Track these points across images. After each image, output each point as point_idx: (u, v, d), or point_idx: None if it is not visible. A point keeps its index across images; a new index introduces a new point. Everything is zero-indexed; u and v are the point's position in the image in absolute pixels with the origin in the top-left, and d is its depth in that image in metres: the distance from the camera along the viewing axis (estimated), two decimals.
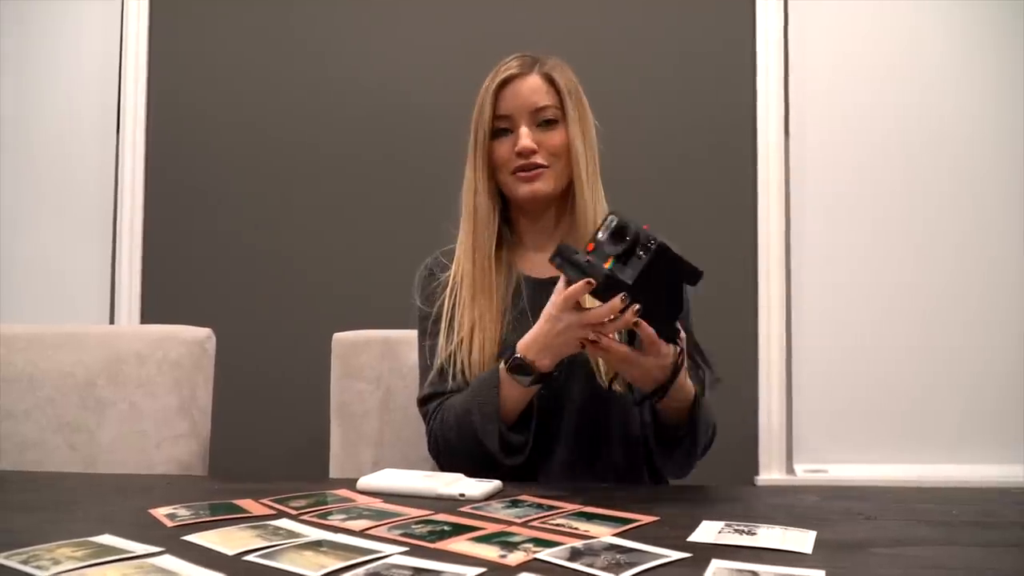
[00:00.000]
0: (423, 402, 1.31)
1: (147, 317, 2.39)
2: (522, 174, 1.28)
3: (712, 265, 1.07)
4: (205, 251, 2.41)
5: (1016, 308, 2.25)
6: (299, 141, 2.40)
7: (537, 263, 1.33)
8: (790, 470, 2.28)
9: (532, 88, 1.29)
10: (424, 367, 1.34)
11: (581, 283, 1.03)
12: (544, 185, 1.29)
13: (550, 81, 1.29)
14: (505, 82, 1.29)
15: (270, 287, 2.38)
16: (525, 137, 1.27)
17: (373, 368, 1.58)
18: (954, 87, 2.30)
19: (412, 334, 1.60)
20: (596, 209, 1.29)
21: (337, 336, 1.61)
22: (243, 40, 2.43)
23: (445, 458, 1.25)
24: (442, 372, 1.29)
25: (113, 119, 2.44)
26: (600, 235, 1.03)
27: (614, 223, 1.03)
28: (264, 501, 0.97)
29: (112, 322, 2.40)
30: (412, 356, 1.57)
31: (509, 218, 1.37)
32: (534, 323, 1.24)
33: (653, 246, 1.00)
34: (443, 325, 1.31)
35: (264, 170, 2.41)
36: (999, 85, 2.29)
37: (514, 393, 1.17)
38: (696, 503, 0.99)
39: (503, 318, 1.29)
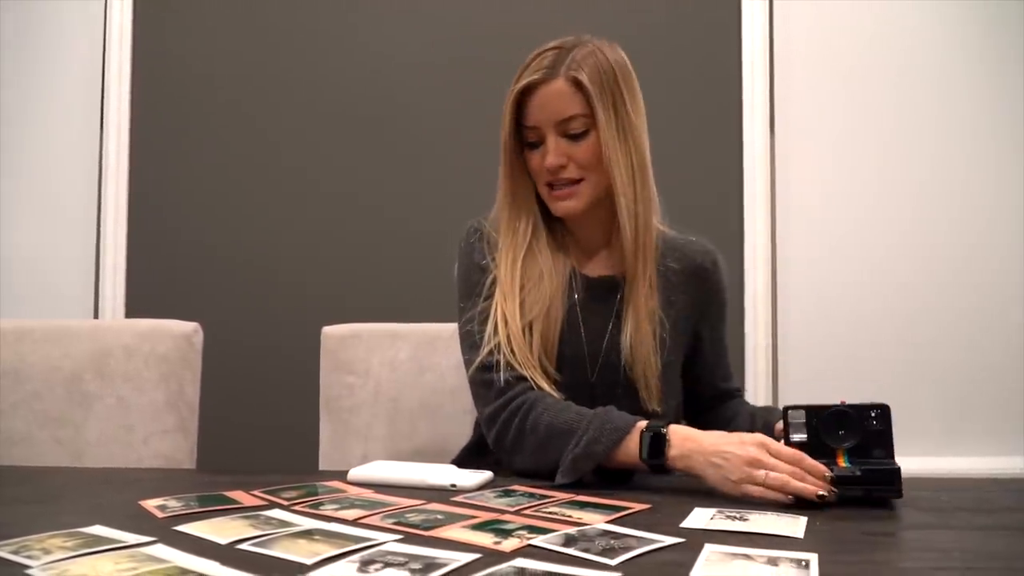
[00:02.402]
0: (486, 368, 1.19)
1: (132, 312, 2.37)
2: (555, 192, 1.23)
3: None
4: (191, 245, 2.39)
5: (1004, 303, 2.27)
6: (285, 135, 2.39)
7: (587, 261, 1.31)
8: None
9: (556, 95, 1.19)
10: (476, 332, 1.23)
11: (824, 489, 0.92)
12: (577, 203, 1.23)
13: (576, 84, 1.19)
14: (527, 90, 1.21)
15: (258, 280, 2.36)
16: (552, 154, 1.20)
17: (362, 362, 1.57)
18: (941, 85, 2.31)
19: (401, 327, 1.61)
20: (642, 214, 1.22)
21: (326, 330, 1.60)
22: (228, 31, 2.42)
23: (504, 452, 1.16)
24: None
25: (97, 113, 2.43)
26: (796, 433, 0.98)
27: (821, 414, 0.98)
28: (255, 492, 0.97)
29: (96, 317, 2.38)
30: (402, 350, 1.58)
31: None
32: (582, 321, 1.23)
33: (881, 415, 0.96)
34: (492, 312, 1.22)
35: (250, 164, 2.39)
36: (987, 83, 2.30)
37: (628, 458, 1.05)
38: (687, 491, 1.00)
39: (558, 311, 1.22)
